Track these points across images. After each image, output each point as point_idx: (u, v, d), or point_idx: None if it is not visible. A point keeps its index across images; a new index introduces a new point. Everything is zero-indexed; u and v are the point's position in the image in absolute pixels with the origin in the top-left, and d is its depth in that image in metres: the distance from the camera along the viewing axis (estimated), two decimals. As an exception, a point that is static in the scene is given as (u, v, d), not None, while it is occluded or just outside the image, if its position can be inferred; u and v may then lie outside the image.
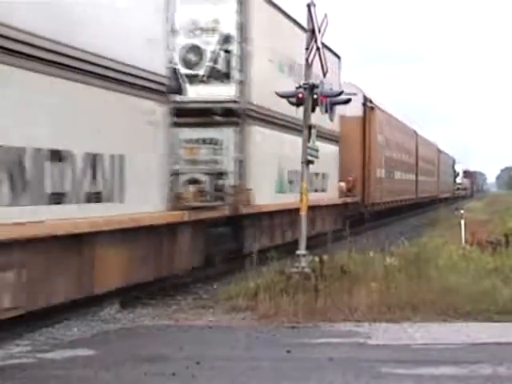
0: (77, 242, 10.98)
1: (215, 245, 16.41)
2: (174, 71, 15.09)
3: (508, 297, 12.40)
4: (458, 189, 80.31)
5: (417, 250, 16.85)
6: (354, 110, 28.78)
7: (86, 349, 9.85)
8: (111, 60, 11.81)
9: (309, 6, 15.12)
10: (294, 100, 15.20)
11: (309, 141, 15.23)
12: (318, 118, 17.59)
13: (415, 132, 46.75)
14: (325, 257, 15.13)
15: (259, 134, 18.95)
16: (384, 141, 34.42)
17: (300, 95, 14.94)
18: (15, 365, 8.97)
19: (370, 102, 32.05)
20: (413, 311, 11.88)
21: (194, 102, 16.87)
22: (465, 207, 34.54)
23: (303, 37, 15.77)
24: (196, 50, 17.37)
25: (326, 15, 15.50)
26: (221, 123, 17.57)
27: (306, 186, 15.10)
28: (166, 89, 13.99)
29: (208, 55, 17.44)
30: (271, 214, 20.36)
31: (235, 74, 17.62)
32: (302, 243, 14.76)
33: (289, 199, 20.31)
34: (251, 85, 17.98)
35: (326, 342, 10.29)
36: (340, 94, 16.30)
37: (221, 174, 17.13)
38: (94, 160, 11.45)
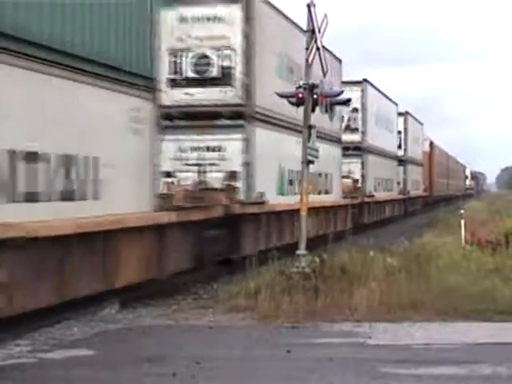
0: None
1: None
2: None
3: (508, 297, 12.40)
4: (467, 189, 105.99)
5: (417, 250, 16.86)
6: (426, 147, 56.63)
7: (86, 349, 9.85)
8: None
9: (309, 6, 15.11)
10: (293, 100, 15.20)
11: (309, 141, 15.23)
12: (415, 153, 42.82)
13: (447, 153, 76.82)
14: (325, 257, 15.13)
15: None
16: (438, 162, 64.04)
17: (300, 95, 14.94)
18: (15, 365, 8.97)
19: (433, 143, 61.79)
20: (413, 311, 11.88)
21: None
22: (465, 207, 34.55)
23: None
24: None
25: (325, 15, 15.50)
26: None
27: (306, 186, 15.08)
28: None
29: None
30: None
31: None
32: (302, 243, 14.75)
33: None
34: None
35: (326, 342, 10.29)
36: (340, 93, 16.29)
37: None
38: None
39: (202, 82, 17.26)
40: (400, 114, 42.19)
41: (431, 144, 60.37)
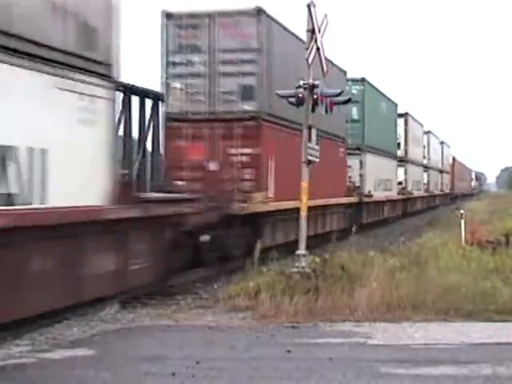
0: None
1: None
2: None
3: (508, 297, 12.41)
4: (472, 189, 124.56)
5: (417, 250, 16.87)
6: (450, 160, 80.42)
7: (85, 349, 9.85)
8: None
9: (309, 6, 15.11)
10: (293, 100, 15.20)
11: (309, 141, 15.23)
12: (445, 165, 72.96)
13: (462, 163, 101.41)
14: (325, 257, 15.14)
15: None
16: (457, 171, 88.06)
17: (300, 95, 14.94)
18: (15, 365, 8.97)
19: (454, 157, 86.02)
20: (413, 311, 11.88)
21: None
22: (465, 207, 34.59)
23: None
24: None
25: (326, 15, 15.51)
26: None
27: (305, 186, 15.08)
28: None
29: None
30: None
31: None
32: (302, 243, 14.75)
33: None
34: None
35: (326, 342, 10.29)
36: (340, 94, 16.29)
37: None
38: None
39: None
40: (441, 143, 68.91)
41: (453, 158, 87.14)
